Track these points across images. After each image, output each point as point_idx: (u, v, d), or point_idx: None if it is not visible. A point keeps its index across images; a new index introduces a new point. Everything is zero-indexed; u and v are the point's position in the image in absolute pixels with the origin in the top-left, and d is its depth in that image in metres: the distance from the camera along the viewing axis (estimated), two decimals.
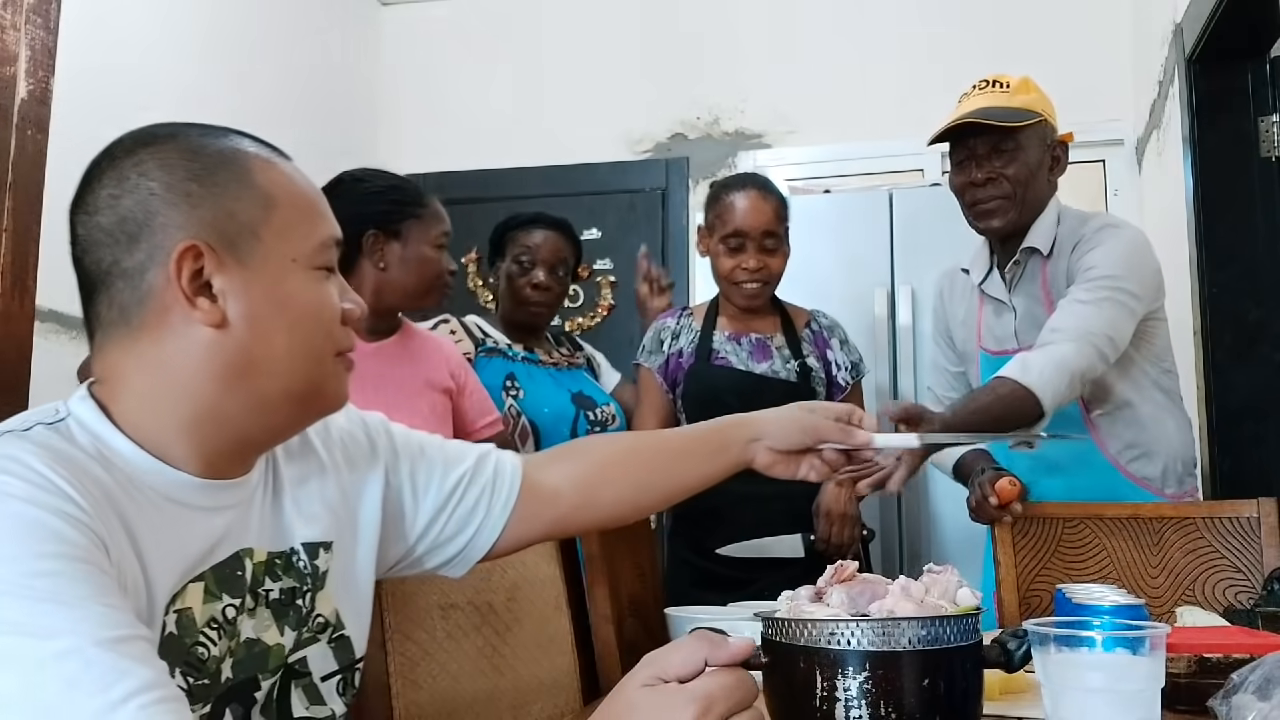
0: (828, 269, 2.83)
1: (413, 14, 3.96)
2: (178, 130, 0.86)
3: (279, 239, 0.85)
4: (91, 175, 0.84)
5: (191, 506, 0.83)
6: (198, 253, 0.81)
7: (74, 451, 0.77)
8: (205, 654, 0.81)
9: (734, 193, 2.15)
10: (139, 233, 0.81)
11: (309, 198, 0.89)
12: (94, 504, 0.73)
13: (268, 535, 0.91)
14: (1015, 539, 1.85)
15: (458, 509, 1.05)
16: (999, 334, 2.00)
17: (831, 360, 2.19)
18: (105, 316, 0.83)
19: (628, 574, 1.77)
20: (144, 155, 0.83)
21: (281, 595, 0.90)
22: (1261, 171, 2.43)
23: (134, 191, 0.81)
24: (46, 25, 1.49)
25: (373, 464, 1.02)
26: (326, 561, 0.95)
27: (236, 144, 0.87)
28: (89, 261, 0.83)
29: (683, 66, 3.66)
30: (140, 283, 0.81)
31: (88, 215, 0.83)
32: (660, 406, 2.19)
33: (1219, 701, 0.90)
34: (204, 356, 0.82)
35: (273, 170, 0.87)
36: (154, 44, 2.81)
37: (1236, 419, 2.42)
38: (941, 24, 3.47)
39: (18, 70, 1.45)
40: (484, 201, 3.63)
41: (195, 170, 0.83)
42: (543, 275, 2.25)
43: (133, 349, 0.82)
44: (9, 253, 1.45)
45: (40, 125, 1.49)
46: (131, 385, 0.83)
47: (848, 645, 0.82)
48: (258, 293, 0.83)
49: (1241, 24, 2.27)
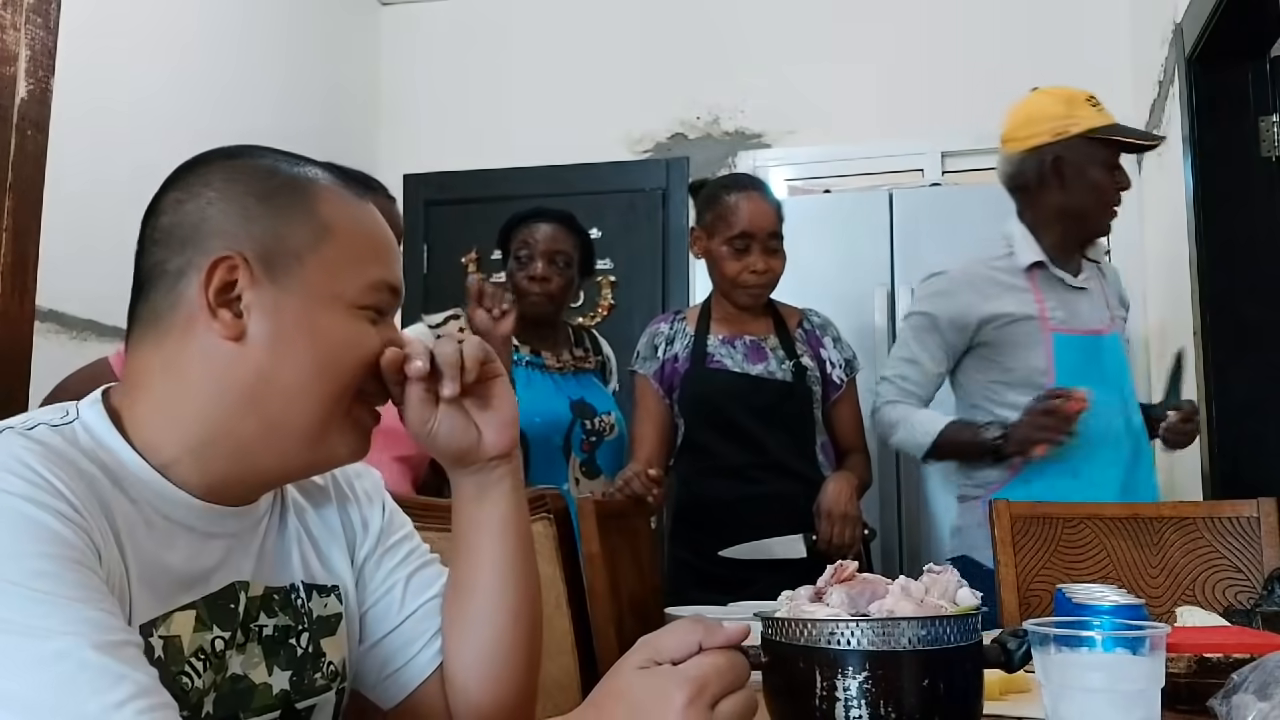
0: (827, 269, 2.83)
1: (413, 14, 3.96)
2: (261, 151, 0.87)
3: (324, 270, 0.83)
4: (169, 180, 0.85)
5: (187, 527, 0.81)
6: (233, 265, 0.80)
7: (73, 454, 0.76)
8: (189, 684, 0.79)
9: (736, 194, 2.14)
10: (188, 237, 0.81)
11: (374, 239, 0.87)
12: (88, 508, 0.72)
13: (268, 569, 0.89)
14: (1015, 539, 1.85)
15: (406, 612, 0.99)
16: (1078, 314, 2.07)
17: (826, 358, 2.19)
18: (141, 315, 0.83)
19: (628, 574, 1.78)
20: (216, 167, 0.84)
21: (275, 632, 0.88)
22: (1261, 171, 2.43)
23: (196, 198, 0.82)
24: (46, 25, 1.50)
25: (376, 495, 1.01)
26: (334, 606, 0.93)
27: (311, 173, 0.86)
28: (143, 260, 0.84)
29: (683, 66, 3.66)
30: (176, 286, 0.81)
31: (153, 216, 0.84)
32: (658, 413, 2.18)
33: (1219, 701, 0.90)
34: (219, 370, 0.81)
35: (344, 205, 0.86)
36: (154, 44, 2.81)
37: (1236, 419, 2.42)
38: (942, 24, 3.47)
39: (18, 70, 1.45)
40: (484, 201, 3.64)
41: (258, 189, 0.83)
42: (540, 266, 2.23)
43: (159, 352, 0.82)
44: (9, 253, 1.45)
45: (40, 125, 1.49)
46: (151, 390, 0.82)
47: (848, 645, 0.82)
48: (287, 316, 0.82)
49: (1241, 24, 2.28)
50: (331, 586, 0.94)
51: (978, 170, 3.49)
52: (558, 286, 2.26)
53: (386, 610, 0.97)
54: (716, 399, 2.11)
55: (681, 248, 3.55)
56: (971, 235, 2.81)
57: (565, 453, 2.20)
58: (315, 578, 0.93)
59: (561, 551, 1.58)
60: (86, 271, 2.39)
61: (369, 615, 0.97)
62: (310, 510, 0.95)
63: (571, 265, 2.28)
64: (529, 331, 2.30)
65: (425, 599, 0.98)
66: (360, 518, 0.98)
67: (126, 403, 0.82)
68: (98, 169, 2.50)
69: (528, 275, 2.24)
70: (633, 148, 3.70)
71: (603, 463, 2.24)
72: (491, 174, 3.74)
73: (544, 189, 3.49)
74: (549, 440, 2.18)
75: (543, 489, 1.63)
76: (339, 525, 0.96)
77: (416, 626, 0.97)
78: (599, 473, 2.23)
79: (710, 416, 2.13)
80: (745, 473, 2.09)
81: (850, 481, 2.05)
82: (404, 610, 0.97)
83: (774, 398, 2.12)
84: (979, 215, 2.80)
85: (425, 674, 0.96)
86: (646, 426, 2.18)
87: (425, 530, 1.42)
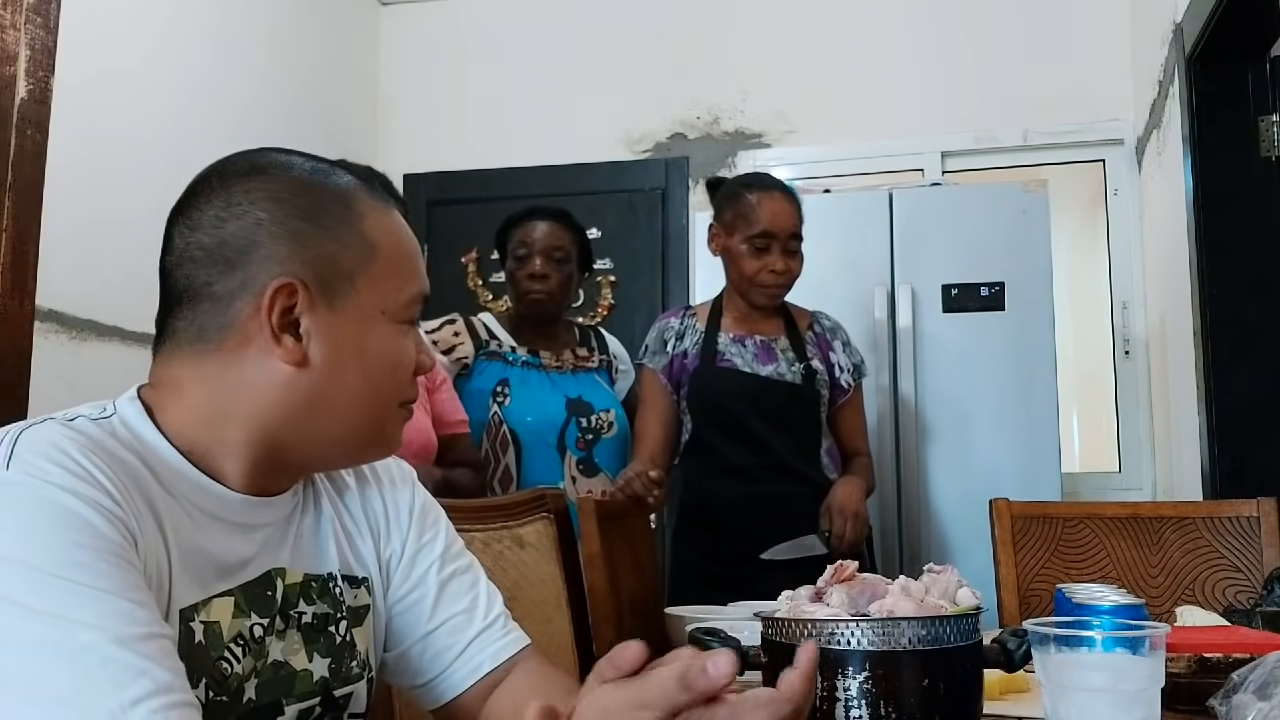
0: (828, 269, 2.82)
1: (412, 14, 3.96)
2: (292, 162, 0.86)
3: (373, 289, 0.84)
4: (199, 190, 0.84)
5: (227, 520, 0.83)
6: (292, 290, 0.81)
7: (113, 444, 0.77)
8: (228, 670, 0.80)
9: (758, 193, 2.14)
10: (238, 259, 0.81)
11: (409, 252, 0.89)
12: (128, 497, 0.73)
13: (305, 557, 0.90)
14: (1015, 539, 1.85)
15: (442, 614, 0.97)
16: None
17: (835, 362, 2.19)
18: (180, 331, 0.83)
19: (628, 574, 1.77)
20: (257, 183, 0.83)
21: (314, 620, 0.88)
22: (1261, 171, 2.43)
23: (241, 218, 0.81)
24: (46, 25, 1.50)
25: (404, 487, 1.00)
26: (363, 599, 0.94)
27: (348, 184, 0.87)
28: (180, 275, 0.83)
29: (683, 66, 3.66)
30: (228, 308, 0.81)
31: (189, 229, 0.82)
32: (663, 409, 2.18)
33: (1219, 701, 0.90)
34: (275, 390, 0.82)
35: (381, 218, 0.87)
36: (153, 44, 2.81)
37: (1236, 419, 2.41)
38: (942, 24, 3.47)
39: (18, 70, 1.45)
40: (484, 201, 3.64)
41: (305, 207, 0.83)
42: (538, 263, 2.24)
43: (201, 367, 0.82)
44: (9, 253, 1.45)
45: (40, 125, 1.49)
46: (188, 398, 0.82)
47: (848, 645, 0.82)
48: (342, 338, 0.83)
49: (1241, 24, 2.27)
50: (361, 578, 0.94)
51: (978, 170, 3.49)
52: (557, 283, 2.26)
53: (418, 616, 0.97)
54: (725, 399, 2.11)
55: (681, 248, 3.55)
56: (971, 235, 2.83)
57: (560, 451, 2.20)
58: (349, 568, 0.93)
59: (561, 551, 1.58)
60: (86, 271, 2.39)
61: (398, 617, 0.97)
62: (341, 502, 0.96)
63: (570, 260, 2.29)
64: (530, 331, 2.30)
65: (457, 610, 0.97)
66: (386, 512, 0.98)
67: (161, 404, 0.83)
68: (97, 169, 2.50)
69: (527, 273, 2.25)
70: (632, 148, 3.70)
71: (601, 460, 2.24)
72: (491, 174, 3.74)
73: (544, 189, 3.48)
74: (542, 438, 2.18)
75: (543, 488, 1.63)
76: (366, 519, 0.97)
77: (447, 639, 0.96)
78: (598, 470, 2.23)
79: (718, 416, 2.12)
80: (751, 474, 2.08)
81: (859, 485, 2.05)
82: (435, 619, 0.97)
83: (782, 400, 2.11)
84: (979, 215, 2.80)
85: (459, 690, 0.96)
86: (651, 422, 2.17)
87: None
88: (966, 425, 2.72)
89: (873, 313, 2.83)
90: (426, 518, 1.00)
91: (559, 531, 1.58)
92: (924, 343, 2.76)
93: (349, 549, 0.94)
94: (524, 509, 1.57)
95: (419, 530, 0.99)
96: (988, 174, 3.48)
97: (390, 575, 0.97)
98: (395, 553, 0.97)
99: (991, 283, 2.73)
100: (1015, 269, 2.72)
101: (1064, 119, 3.35)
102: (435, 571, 0.98)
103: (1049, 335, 2.70)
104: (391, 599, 0.97)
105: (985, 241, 2.76)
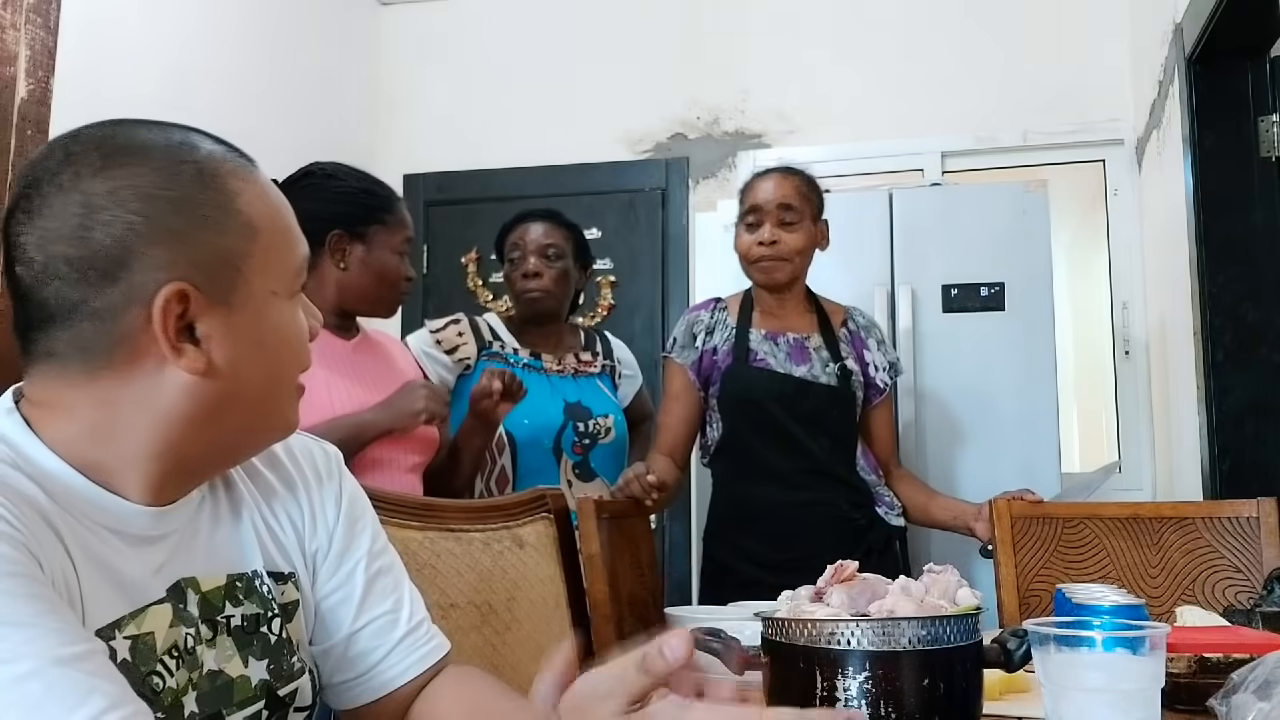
0: (828, 269, 2.82)
1: (412, 14, 3.96)
2: (144, 141, 0.77)
3: (261, 272, 0.80)
4: (41, 188, 0.74)
5: (130, 534, 0.78)
6: (183, 295, 0.74)
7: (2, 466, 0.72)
8: (160, 685, 0.76)
9: (756, 176, 2.16)
10: (115, 271, 0.73)
11: (284, 219, 0.84)
12: (24, 518, 0.68)
13: (224, 557, 0.86)
14: (1015, 539, 1.85)
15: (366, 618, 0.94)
16: None
17: (870, 361, 2.16)
18: (60, 352, 0.75)
19: (628, 574, 1.77)
20: (117, 177, 0.74)
21: (245, 622, 0.85)
22: (1261, 171, 2.43)
23: (110, 225, 0.73)
24: (46, 25, 1.50)
25: (330, 480, 0.97)
26: (291, 594, 0.90)
27: (209, 155, 0.79)
28: (48, 293, 0.74)
29: (683, 66, 3.66)
30: (113, 325, 0.74)
31: (45, 239, 0.74)
32: (688, 404, 2.14)
33: (1219, 701, 0.90)
34: (177, 401, 0.77)
35: (252, 189, 0.81)
36: (153, 44, 2.81)
37: (1236, 419, 2.42)
38: (942, 24, 3.47)
39: (18, 70, 1.45)
40: (484, 201, 3.65)
41: (176, 199, 0.75)
42: (532, 262, 2.24)
43: (89, 387, 0.76)
44: None
45: (40, 125, 1.49)
46: (78, 416, 0.76)
47: (848, 645, 0.82)
48: (241, 333, 0.78)
49: (1241, 24, 2.27)
50: (288, 574, 0.91)
51: (978, 170, 3.49)
52: (552, 279, 2.26)
53: (344, 615, 0.94)
54: (760, 400, 2.06)
55: (682, 248, 3.55)
56: (971, 235, 2.82)
57: (556, 455, 2.20)
58: (274, 564, 0.90)
59: (561, 551, 1.58)
60: None
61: (324, 613, 0.94)
62: (260, 496, 0.92)
63: (564, 256, 2.29)
64: (533, 333, 2.30)
65: (382, 611, 0.95)
66: (312, 504, 0.95)
67: (47, 421, 0.76)
68: None
69: (522, 273, 2.26)
70: (632, 148, 3.70)
71: (598, 465, 2.23)
72: (491, 174, 3.74)
73: (544, 189, 3.49)
74: (538, 442, 2.18)
75: (543, 488, 1.63)
76: (288, 512, 0.93)
77: (372, 640, 0.94)
78: (594, 475, 2.22)
79: (754, 418, 2.08)
80: (790, 479, 2.05)
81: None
82: (360, 619, 0.94)
83: (820, 403, 2.07)
84: (979, 215, 2.80)
85: (381, 693, 0.94)
86: (674, 416, 2.14)
87: (425, 530, 1.42)
88: (966, 425, 2.72)
89: (872, 312, 2.83)
90: (354, 508, 0.97)
91: (559, 532, 1.58)
92: (924, 343, 2.76)
93: (272, 544, 0.90)
94: (524, 509, 1.57)
95: (348, 522, 0.96)
96: (988, 174, 3.48)
97: (317, 570, 0.94)
98: (322, 547, 0.94)
99: (991, 283, 2.73)
100: (1015, 269, 2.72)
101: (1064, 119, 3.35)
102: (363, 569, 0.95)
103: (1049, 335, 2.70)
104: (320, 594, 0.94)
105: (985, 242, 2.76)
